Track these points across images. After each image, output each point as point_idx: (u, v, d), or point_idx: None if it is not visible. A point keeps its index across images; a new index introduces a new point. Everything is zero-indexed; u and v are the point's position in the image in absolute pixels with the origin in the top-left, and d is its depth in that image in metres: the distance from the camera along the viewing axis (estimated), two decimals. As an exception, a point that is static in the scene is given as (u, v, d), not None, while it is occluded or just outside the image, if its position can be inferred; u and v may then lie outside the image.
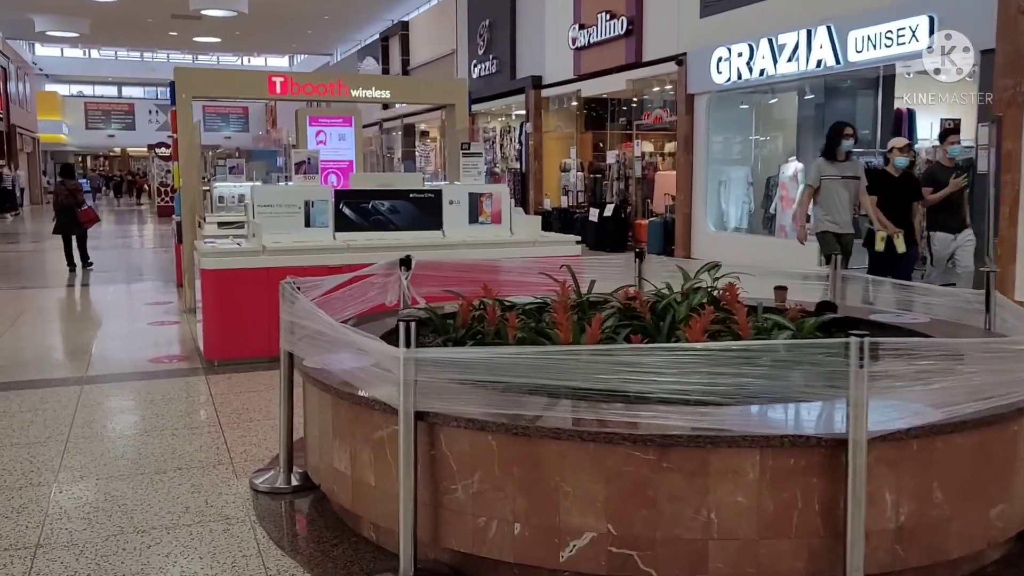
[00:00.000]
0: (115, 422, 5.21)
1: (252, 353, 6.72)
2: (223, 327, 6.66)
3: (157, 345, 7.56)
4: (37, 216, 30.32)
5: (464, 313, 4.40)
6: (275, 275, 6.79)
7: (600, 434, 2.67)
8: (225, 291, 6.63)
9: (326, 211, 7.30)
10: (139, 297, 10.68)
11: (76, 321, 9.14)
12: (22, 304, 10.00)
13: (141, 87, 52.50)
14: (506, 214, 7.94)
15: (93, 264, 13.49)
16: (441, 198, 7.67)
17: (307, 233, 7.21)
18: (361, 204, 7.44)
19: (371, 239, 7.29)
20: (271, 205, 7.18)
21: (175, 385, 6.11)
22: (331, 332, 3.51)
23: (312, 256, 6.86)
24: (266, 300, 6.71)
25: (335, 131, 9.60)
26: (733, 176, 14.30)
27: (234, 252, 6.71)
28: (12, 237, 21.42)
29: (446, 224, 7.67)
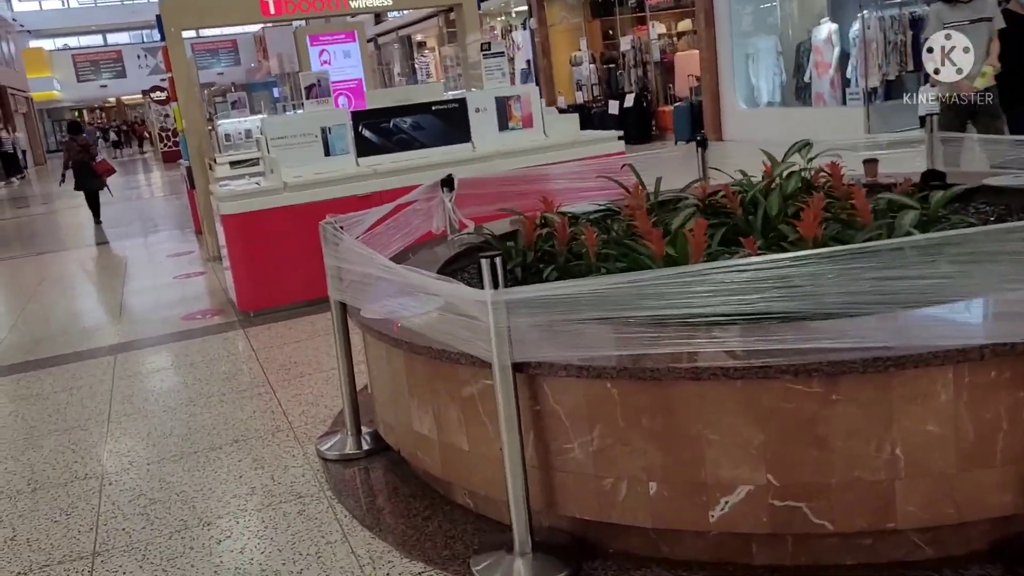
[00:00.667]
0: (157, 393, 4.78)
1: (288, 299, 6.26)
2: (254, 275, 6.18)
3: (187, 300, 7.11)
4: (43, 177, 29.78)
5: (528, 232, 3.87)
6: (300, 212, 6.29)
7: (750, 369, 2.17)
8: (250, 236, 6.13)
9: (345, 136, 6.72)
10: (159, 249, 10.22)
11: (99, 283, 8.72)
12: (41, 270, 9.57)
13: (126, 32, 51.14)
14: (538, 116, 7.31)
15: (103, 223, 13.33)
16: (466, 107, 7.05)
17: (328, 163, 6.66)
18: (381, 124, 6.84)
19: (397, 161, 6.73)
20: (285, 136, 6.60)
21: (213, 343, 5.67)
22: (391, 276, 3.00)
23: (337, 187, 6.32)
24: (295, 240, 6.22)
25: (339, 49, 8.90)
26: (761, 47, 13.42)
27: (254, 193, 6.17)
28: (21, 201, 20.95)
29: (475, 134, 7.07)
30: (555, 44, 19.09)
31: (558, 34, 19.15)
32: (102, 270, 9.48)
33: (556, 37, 19.07)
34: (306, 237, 6.32)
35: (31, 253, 11.30)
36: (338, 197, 6.29)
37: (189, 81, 8.53)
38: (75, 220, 15.43)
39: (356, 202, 6.33)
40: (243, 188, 6.26)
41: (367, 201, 6.37)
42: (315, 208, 6.22)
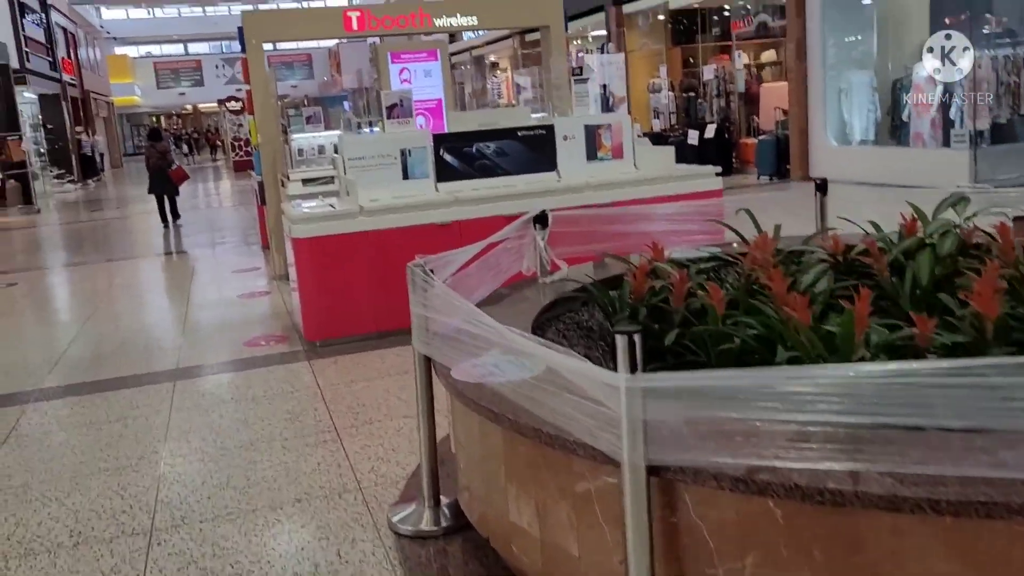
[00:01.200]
0: (215, 431, 4.42)
1: (357, 329, 5.90)
2: (323, 302, 5.83)
3: (251, 323, 6.80)
4: (119, 180, 30.30)
5: (638, 284, 3.40)
6: (376, 239, 5.93)
7: (968, 504, 1.68)
8: (322, 261, 5.78)
9: (425, 159, 6.37)
10: (225, 263, 10.01)
11: (163, 297, 8.51)
12: (107, 279, 9.42)
13: (206, 43, 52.29)
14: (628, 146, 6.87)
15: (181, 220, 14.15)
16: (553, 134, 6.64)
17: (406, 186, 6.30)
18: (464, 148, 6.47)
19: (478, 188, 6.34)
20: (363, 157, 6.27)
21: (276, 375, 5.32)
22: (493, 336, 2.57)
23: (415, 214, 5.95)
24: (368, 268, 5.86)
25: (420, 67, 8.60)
26: (855, 82, 12.78)
27: (328, 216, 5.83)
28: (96, 204, 21.19)
29: (561, 163, 6.66)
30: (633, 70, 18.63)
31: (636, 60, 18.72)
32: (167, 283, 9.28)
33: (634, 63, 18.62)
34: (381, 265, 5.98)
35: (100, 260, 11.20)
36: (416, 224, 5.93)
37: (267, 94, 8.30)
38: (145, 226, 15.44)
39: (435, 230, 5.96)
40: (317, 211, 5.92)
41: (447, 230, 6.00)
42: (392, 235, 5.88)
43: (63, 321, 7.52)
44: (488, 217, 6.06)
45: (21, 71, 22.46)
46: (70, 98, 29.54)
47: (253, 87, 8.23)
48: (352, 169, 6.25)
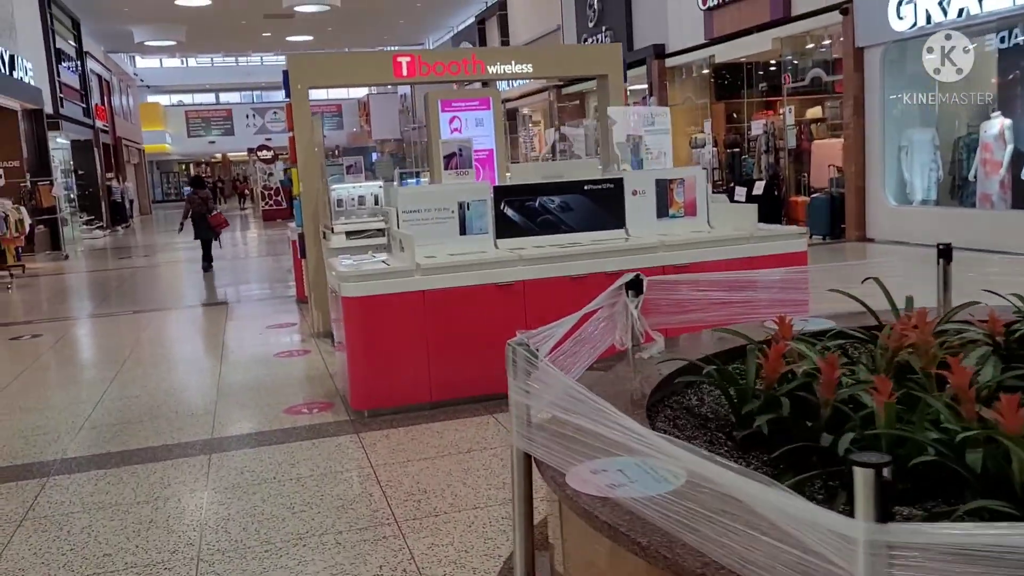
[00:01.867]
0: (256, 519, 3.87)
1: (409, 399, 5.36)
2: (372, 368, 5.30)
3: (290, 386, 6.28)
4: (147, 227, 30.21)
5: (771, 367, 2.85)
6: (433, 300, 5.42)
7: None
8: (373, 323, 5.27)
9: (485, 214, 5.89)
10: (259, 317, 9.54)
11: (194, 354, 8.02)
12: (135, 332, 8.96)
13: (237, 92, 52.90)
14: (703, 203, 6.37)
15: (212, 268, 14.37)
16: (622, 188, 6.15)
17: (463, 243, 5.82)
18: (526, 202, 5.99)
19: (541, 246, 5.84)
20: (418, 210, 5.80)
21: (323, 451, 4.77)
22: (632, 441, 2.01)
23: (475, 273, 5.44)
24: (424, 332, 5.35)
25: (471, 116, 8.19)
26: (916, 139, 12.26)
27: (381, 274, 5.33)
28: (124, 251, 20.95)
29: (630, 221, 6.16)
30: (674, 125, 18.22)
31: (678, 114, 18.29)
32: (198, 338, 8.81)
33: (676, 117, 18.19)
34: (437, 329, 5.47)
35: (127, 311, 10.78)
36: (475, 285, 5.42)
37: (311, 142, 7.89)
38: (173, 275, 15.07)
39: (496, 292, 5.45)
40: (369, 267, 5.42)
41: (509, 291, 5.49)
42: (450, 296, 5.37)
43: (88, 379, 7.04)
44: (553, 278, 5.57)
45: (55, 116, 22.45)
46: (102, 144, 29.62)
47: (297, 134, 7.84)
48: (406, 222, 5.78)
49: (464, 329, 5.40)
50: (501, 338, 5.50)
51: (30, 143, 20.31)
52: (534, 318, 5.65)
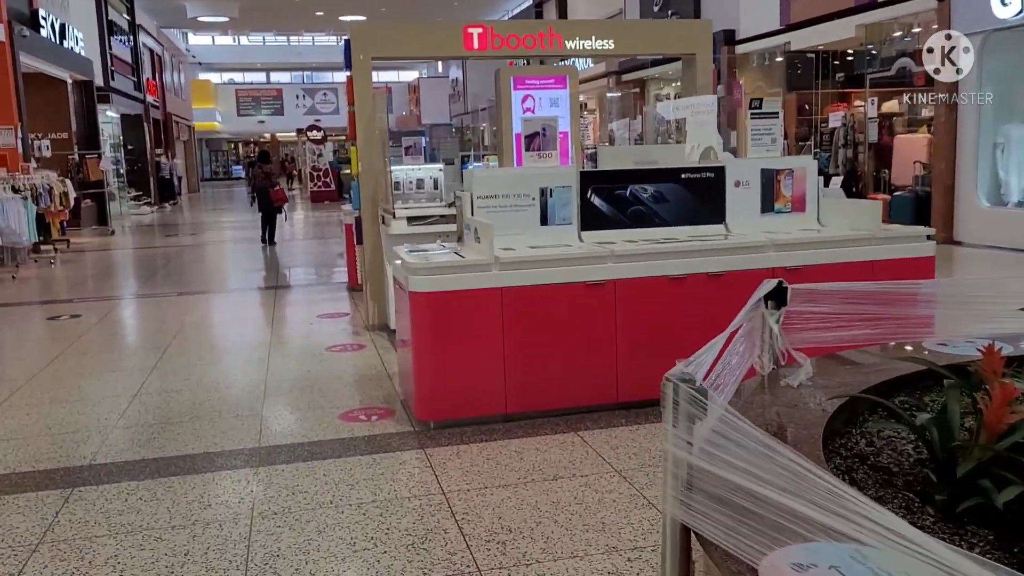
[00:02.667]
0: (311, 559, 3.25)
1: (481, 409, 4.73)
2: (442, 373, 4.66)
3: (345, 387, 5.67)
4: (195, 205, 29.99)
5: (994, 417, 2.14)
6: (512, 297, 4.75)
7: None
8: (445, 322, 4.63)
9: (569, 202, 5.23)
10: (308, 305, 8.98)
11: (239, 345, 7.47)
12: (180, 318, 8.45)
13: (288, 72, 52.70)
14: (812, 198, 5.64)
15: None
16: (723, 178, 5.44)
17: (544, 234, 5.17)
18: (616, 191, 5.31)
19: (632, 240, 5.16)
20: (495, 196, 5.15)
21: (385, 469, 4.15)
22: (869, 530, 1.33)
23: (560, 269, 4.77)
24: (501, 334, 4.69)
25: (546, 95, 7.51)
26: (1014, 136, 11.31)
27: (455, 267, 4.68)
28: (171, 228, 20.61)
29: (730, 214, 5.45)
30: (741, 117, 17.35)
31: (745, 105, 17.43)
32: (244, 326, 8.26)
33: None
34: (517, 331, 4.82)
35: (171, 292, 10.29)
36: (560, 282, 4.75)
37: (372, 119, 7.27)
38: (220, 256, 14.63)
39: (584, 291, 4.78)
40: (443, 259, 4.77)
41: (598, 292, 4.81)
42: (530, 294, 4.71)
43: (127, 368, 6.51)
44: (647, 278, 4.88)
45: (105, 89, 22.18)
46: (152, 119, 29.42)
47: (358, 109, 7.22)
48: (481, 210, 5.12)
49: (546, 332, 4.74)
50: (586, 344, 4.73)
51: (79, 115, 20.04)
52: (626, 323, 4.98)
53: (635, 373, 4.87)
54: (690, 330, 5.03)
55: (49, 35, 18.21)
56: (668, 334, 4.89)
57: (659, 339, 4.88)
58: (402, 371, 5.30)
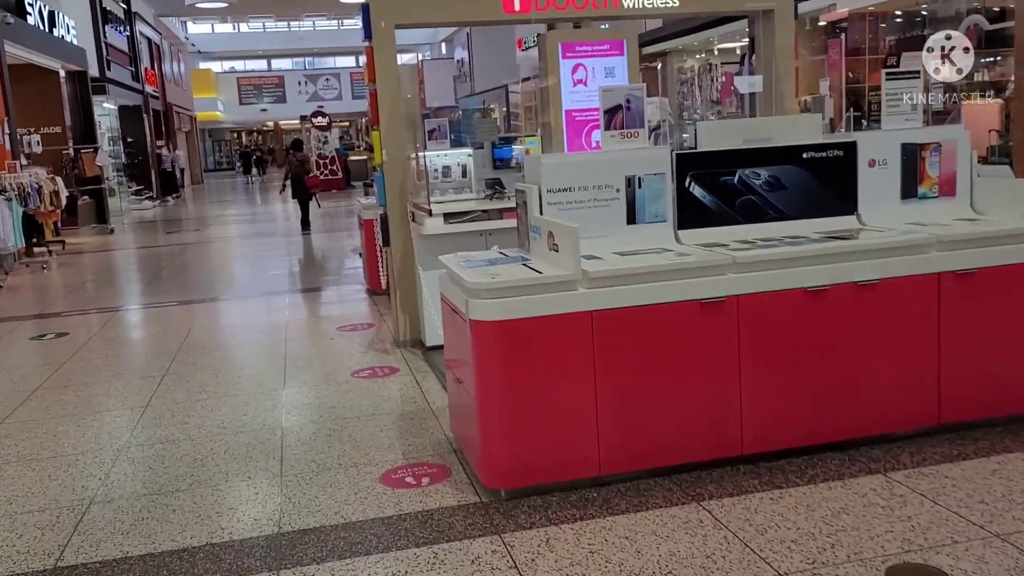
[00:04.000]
0: None
1: (568, 471, 3.61)
2: (517, 426, 3.53)
3: (382, 433, 4.54)
4: (199, 198, 28.86)
5: None
6: (605, 323, 3.58)
7: None
8: (521, 359, 3.50)
9: (663, 194, 4.09)
10: (325, 314, 7.86)
11: (249, 370, 6.35)
12: (179, 333, 7.33)
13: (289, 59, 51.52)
14: (964, 179, 4.48)
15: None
16: (855, 157, 4.28)
17: (632, 235, 4.05)
18: (721, 176, 4.16)
19: (744, 239, 4.04)
20: (570, 188, 4.01)
21: (451, 570, 3.03)
22: None
23: (667, 284, 3.61)
24: (591, 369, 3.55)
25: (600, 64, 6.35)
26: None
27: (532, 285, 3.53)
28: (173, 224, 19.50)
29: (863, 202, 4.30)
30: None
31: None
32: (254, 345, 7.13)
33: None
34: (611, 367, 3.66)
35: (172, 300, 9.18)
36: (667, 301, 3.60)
37: (398, 98, 6.12)
38: (225, 255, 13.52)
39: (697, 312, 3.63)
40: (513, 275, 3.62)
41: (716, 311, 3.66)
42: (628, 318, 3.55)
43: (114, 407, 5.40)
44: (779, 291, 3.73)
45: (101, 79, 21.01)
46: (152, 110, 28.25)
47: (380, 87, 6.05)
48: (552, 206, 3.98)
49: (648, 367, 3.60)
50: (701, 380, 3.53)
51: (74, 108, 18.89)
52: (752, 351, 3.82)
53: (765, 416, 3.73)
54: (835, 358, 3.94)
55: (37, 23, 17.04)
56: (807, 364, 3.75)
57: (795, 371, 3.74)
58: (456, 414, 4.17)
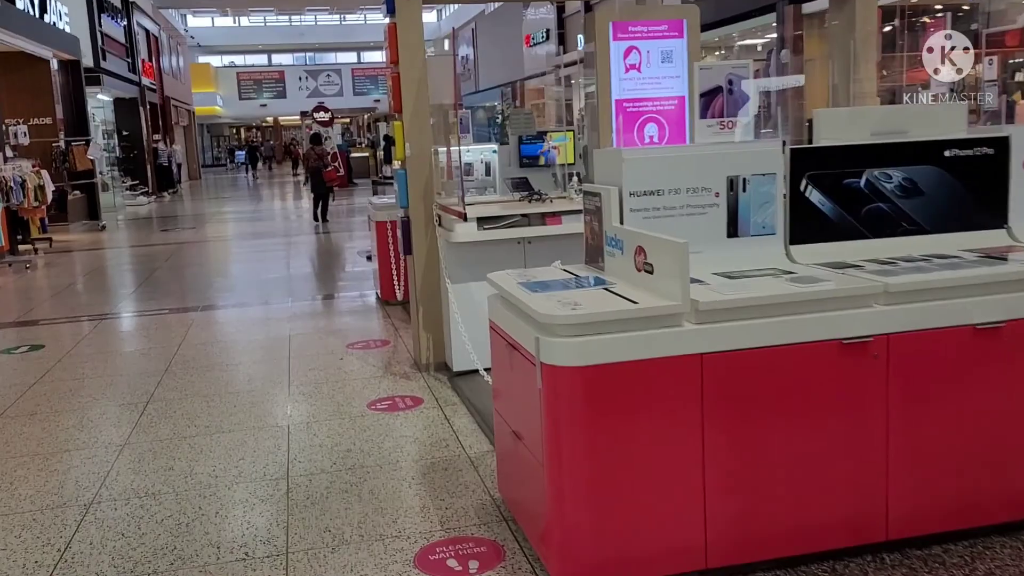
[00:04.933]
0: None
1: (667, 562, 2.75)
2: (602, 503, 2.67)
3: (411, 488, 3.69)
4: (196, 194, 27.99)
5: None
6: (717, 370, 2.64)
7: None
8: (610, 417, 2.64)
9: (772, 200, 3.24)
10: (333, 328, 7.00)
11: (247, 399, 5.49)
12: (167, 350, 6.48)
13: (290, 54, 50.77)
14: None
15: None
16: (1007, 156, 3.43)
17: (733, 250, 3.22)
18: (845, 179, 3.32)
19: (876, 259, 3.20)
20: (658, 192, 3.16)
21: None
22: None
23: (796, 320, 2.75)
24: (699, 429, 2.69)
25: (656, 47, 5.52)
26: None
27: (625, 320, 2.67)
28: (169, 221, 18.62)
29: (1015, 213, 3.45)
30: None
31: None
32: (253, 365, 6.25)
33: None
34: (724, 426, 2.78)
35: (161, 308, 8.32)
36: (796, 342, 2.74)
37: (423, 82, 5.27)
38: (222, 256, 12.65)
39: (835, 355, 2.77)
40: (600, 305, 2.75)
41: (858, 355, 2.80)
42: (746, 364, 2.69)
43: (86, 445, 4.54)
44: (939, 329, 2.87)
45: (95, 70, 20.13)
46: (148, 103, 27.36)
47: (404, 70, 5.20)
48: (635, 213, 3.13)
49: (771, 426, 2.75)
50: (839, 444, 2.70)
51: (66, 98, 18.02)
52: (904, 405, 2.98)
53: (918, 490, 2.88)
54: (1009, 415, 3.07)
55: (26, 7, 16.18)
56: (974, 422, 2.90)
57: (959, 431, 2.89)
58: (509, 473, 3.31)
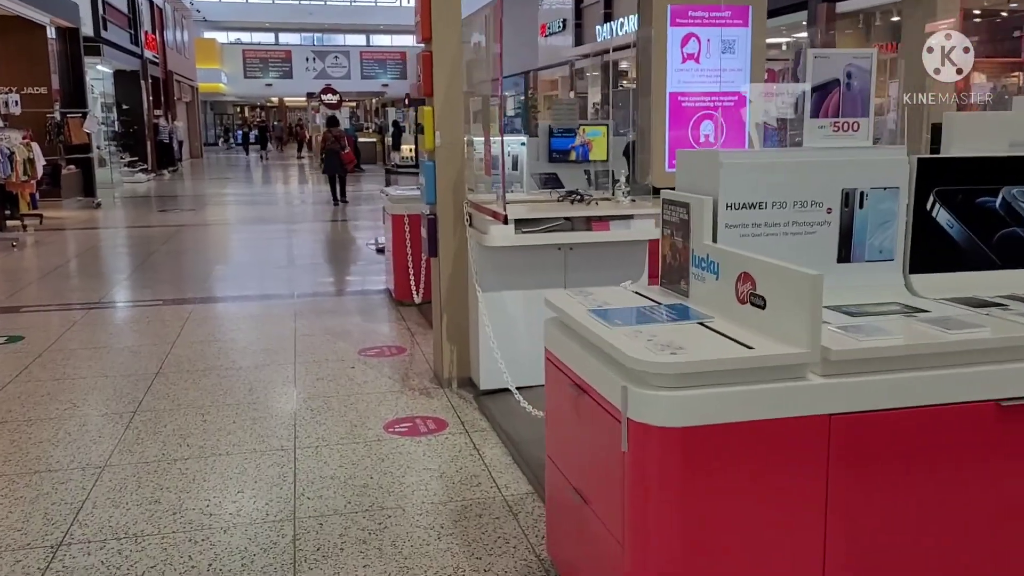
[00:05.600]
0: None
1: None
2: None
3: (439, 539, 3.14)
4: (197, 173, 27.37)
5: None
6: (848, 435, 2.14)
7: None
8: (716, 490, 2.09)
9: (892, 219, 2.69)
10: (342, 330, 6.44)
11: (247, 413, 4.94)
12: (160, 348, 5.92)
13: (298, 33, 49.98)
14: None
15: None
16: None
17: (844, 278, 2.66)
18: (978, 198, 2.76)
19: (1012, 290, 2.64)
20: (759, 205, 2.61)
21: None
22: None
23: (945, 375, 2.19)
24: (822, 511, 2.12)
25: (716, 36, 4.95)
26: None
27: (734, 370, 2.12)
28: (168, 201, 18.01)
29: None
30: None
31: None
32: (253, 371, 5.68)
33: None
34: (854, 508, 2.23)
35: (155, 300, 7.76)
36: (945, 403, 2.18)
37: (457, 65, 4.69)
38: (221, 241, 12.06)
39: (990, 419, 2.22)
40: (706, 351, 2.19)
41: (1017, 420, 2.26)
42: (884, 428, 2.15)
43: (59, 466, 3.98)
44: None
45: (95, 40, 19.49)
46: (150, 77, 26.70)
47: (437, 48, 4.63)
48: (731, 229, 2.58)
49: (909, 508, 2.20)
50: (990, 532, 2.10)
51: (63, 68, 17.38)
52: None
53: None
54: None
55: (25, -29, 15.54)
56: None
57: None
58: (564, 535, 2.76)
